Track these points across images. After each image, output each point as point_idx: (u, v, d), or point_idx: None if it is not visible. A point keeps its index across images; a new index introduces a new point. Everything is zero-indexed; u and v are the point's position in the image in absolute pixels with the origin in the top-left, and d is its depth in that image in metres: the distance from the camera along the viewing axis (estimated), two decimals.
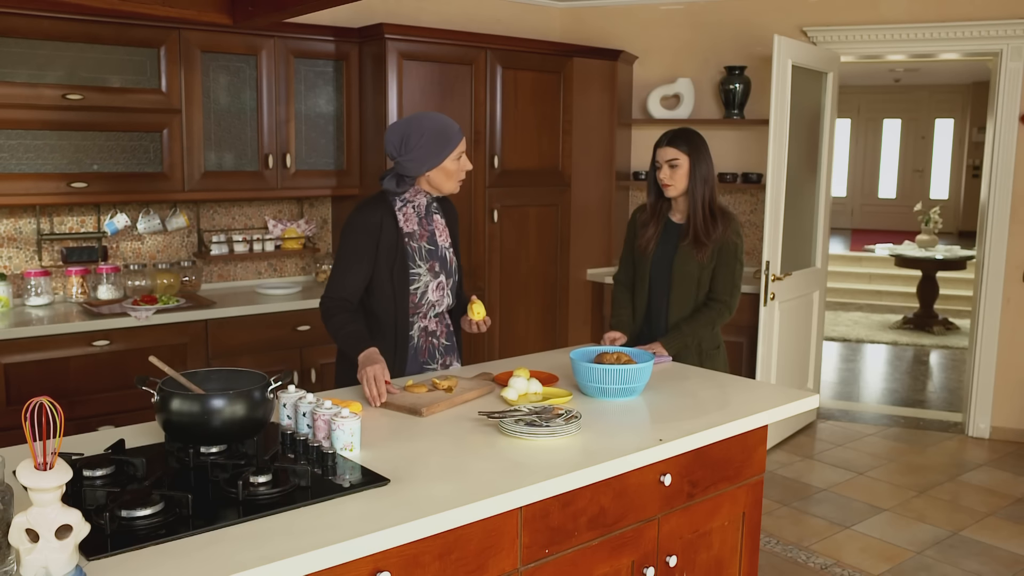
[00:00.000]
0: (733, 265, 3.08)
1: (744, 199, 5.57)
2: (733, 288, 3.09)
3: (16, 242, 3.99)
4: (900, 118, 15.24)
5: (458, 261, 2.87)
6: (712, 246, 3.04)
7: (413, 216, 2.73)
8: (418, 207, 2.75)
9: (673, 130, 3.09)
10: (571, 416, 2.19)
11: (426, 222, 2.77)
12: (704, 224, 3.03)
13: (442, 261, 2.79)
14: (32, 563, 1.30)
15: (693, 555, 2.39)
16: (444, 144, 2.64)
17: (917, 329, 8.70)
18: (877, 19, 5.17)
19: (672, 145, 3.04)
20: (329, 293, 2.69)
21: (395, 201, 2.72)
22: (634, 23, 5.65)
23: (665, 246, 3.13)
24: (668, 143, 3.05)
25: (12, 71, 3.60)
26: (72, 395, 3.58)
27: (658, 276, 3.15)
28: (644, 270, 3.18)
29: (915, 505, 4.30)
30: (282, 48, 4.26)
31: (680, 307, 3.11)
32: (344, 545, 1.55)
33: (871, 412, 5.95)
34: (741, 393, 2.63)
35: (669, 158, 3.04)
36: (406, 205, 2.73)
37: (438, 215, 2.82)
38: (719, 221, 3.05)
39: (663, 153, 3.06)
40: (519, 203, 5.00)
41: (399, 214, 2.71)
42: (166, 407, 1.87)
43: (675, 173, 3.03)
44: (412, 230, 2.73)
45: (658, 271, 3.15)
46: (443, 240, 2.81)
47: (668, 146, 3.05)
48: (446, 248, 2.82)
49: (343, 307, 2.66)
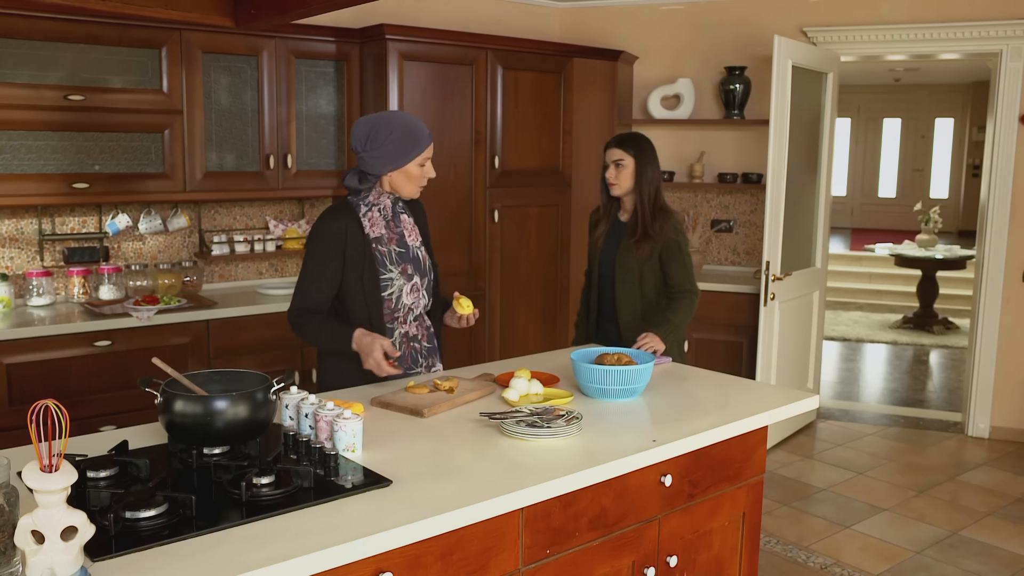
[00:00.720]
0: (681, 258, 3.25)
1: (744, 199, 5.58)
2: (690, 276, 3.27)
3: (18, 242, 4.00)
4: (900, 117, 15.26)
5: (432, 259, 2.83)
6: (652, 243, 3.21)
7: (379, 220, 2.67)
8: (383, 210, 2.68)
9: (622, 133, 3.31)
10: (572, 417, 2.20)
11: (393, 224, 2.71)
12: (646, 222, 3.21)
13: (415, 262, 2.74)
14: (38, 564, 1.31)
15: (693, 555, 2.40)
16: (411, 146, 2.60)
17: (917, 329, 8.71)
18: (877, 19, 5.18)
19: (619, 147, 3.24)
20: (296, 305, 2.64)
21: (359, 206, 2.66)
22: (634, 23, 5.66)
23: (612, 243, 3.33)
24: (616, 145, 3.25)
25: (14, 72, 3.61)
26: (74, 395, 3.59)
27: (605, 271, 3.36)
28: (594, 266, 3.41)
29: (915, 505, 4.31)
30: (283, 49, 4.26)
31: (625, 300, 3.28)
32: (347, 546, 1.56)
33: (871, 412, 5.96)
34: (741, 394, 2.64)
35: (616, 158, 3.23)
36: (371, 209, 2.66)
37: (405, 215, 2.76)
38: (658, 219, 3.22)
39: (611, 154, 3.25)
40: (520, 203, 5.01)
41: (364, 220, 2.64)
42: (169, 409, 1.88)
43: (620, 173, 3.23)
44: (379, 234, 2.66)
45: (605, 267, 3.36)
46: (413, 240, 2.75)
47: (616, 147, 3.24)
48: (417, 248, 2.76)
49: (312, 316, 2.62)
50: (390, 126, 2.60)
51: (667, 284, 3.26)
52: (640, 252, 3.22)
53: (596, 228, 3.40)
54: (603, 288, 3.38)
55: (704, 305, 5.13)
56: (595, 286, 3.41)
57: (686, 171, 5.67)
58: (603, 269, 3.36)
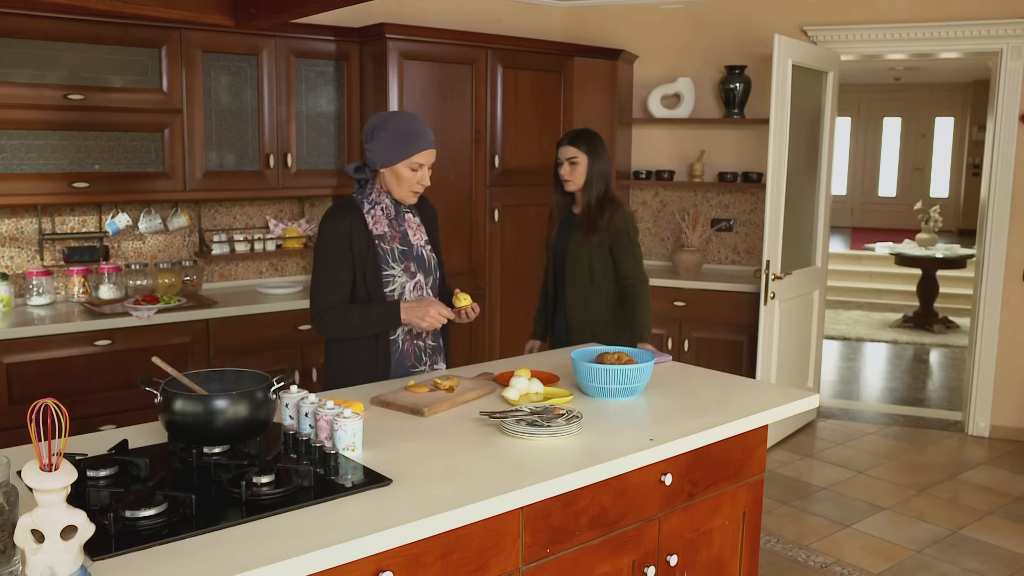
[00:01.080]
0: (631, 248, 3.32)
1: (744, 198, 5.58)
2: (640, 266, 3.34)
3: (18, 242, 4.00)
4: (900, 116, 15.26)
5: (438, 259, 2.86)
6: (600, 233, 3.29)
7: (382, 218, 2.71)
8: (386, 208, 2.72)
9: (575, 131, 3.37)
10: (572, 416, 2.20)
11: (396, 223, 2.74)
12: (595, 213, 3.30)
13: (418, 260, 2.77)
14: (37, 564, 1.30)
15: (694, 554, 2.40)
16: (404, 146, 2.62)
17: (917, 328, 8.71)
18: (877, 18, 5.18)
19: (572, 144, 3.31)
20: (318, 307, 2.67)
21: (363, 204, 2.70)
22: (634, 23, 5.66)
23: (565, 236, 3.42)
24: (570, 143, 3.31)
25: (14, 71, 3.61)
26: (74, 395, 3.59)
27: (559, 263, 3.45)
28: (550, 259, 3.51)
29: (915, 504, 4.31)
30: (283, 48, 4.26)
31: (574, 290, 3.38)
32: (346, 545, 1.56)
33: (871, 411, 5.96)
34: (741, 393, 2.64)
35: (569, 156, 3.30)
36: (374, 207, 2.70)
37: (410, 214, 2.79)
38: (607, 210, 3.30)
39: (564, 151, 3.32)
40: (520, 203, 5.00)
41: (368, 216, 2.68)
42: (169, 408, 1.88)
43: (574, 170, 3.30)
44: (383, 232, 2.70)
45: (558, 258, 3.45)
46: (417, 239, 2.78)
47: (569, 145, 3.31)
48: (422, 247, 2.78)
49: (346, 309, 2.67)
50: (389, 124, 2.65)
51: (618, 275, 3.34)
52: (589, 242, 3.30)
53: (552, 222, 3.50)
54: (557, 280, 3.47)
55: (704, 304, 5.14)
56: (550, 279, 3.52)
57: (686, 170, 5.67)
58: (557, 260, 3.45)
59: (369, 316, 2.66)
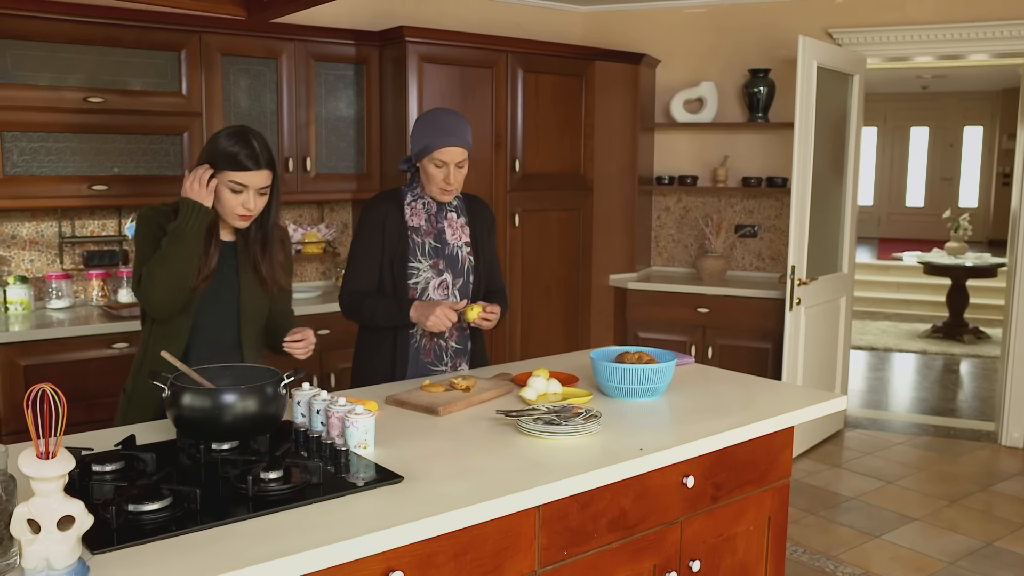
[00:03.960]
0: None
1: (769, 204, 5.49)
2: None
3: (38, 245, 4.00)
4: (928, 126, 15.06)
5: (476, 264, 2.80)
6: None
7: (422, 211, 2.72)
8: (427, 203, 2.72)
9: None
10: (591, 415, 2.14)
11: (435, 219, 2.73)
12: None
13: (450, 260, 2.74)
14: (33, 554, 1.26)
15: (717, 560, 2.32)
16: (428, 141, 2.60)
17: (947, 338, 8.54)
18: (904, 20, 5.09)
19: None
20: (347, 289, 2.73)
21: (406, 195, 2.72)
22: (657, 27, 5.60)
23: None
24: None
25: (35, 74, 3.61)
26: (91, 397, 3.57)
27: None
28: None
29: (947, 515, 4.19)
30: (302, 51, 4.25)
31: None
32: (355, 541, 1.51)
33: (900, 421, 5.83)
34: (767, 394, 2.56)
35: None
36: (416, 200, 2.72)
37: (455, 214, 2.77)
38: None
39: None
40: (541, 207, 4.95)
41: (407, 207, 2.71)
42: (177, 402, 1.84)
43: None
44: (418, 224, 2.71)
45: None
46: (456, 239, 2.75)
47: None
48: (459, 247, 2.76)
49: (365, 296, 2.69)
50: (424, 117, 2.67)
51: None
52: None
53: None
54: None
55: (728, 310, 5.06)
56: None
57: (710, 175, 5.59)
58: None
59: (379, 307, 2.66)
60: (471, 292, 2.80)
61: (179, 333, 2.31)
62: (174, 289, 2.20)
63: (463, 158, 2.64)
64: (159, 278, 2.18)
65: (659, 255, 5.81)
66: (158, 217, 2.29)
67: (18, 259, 3.96)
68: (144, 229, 2.28)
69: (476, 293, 2.82)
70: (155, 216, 2.29)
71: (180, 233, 2.18)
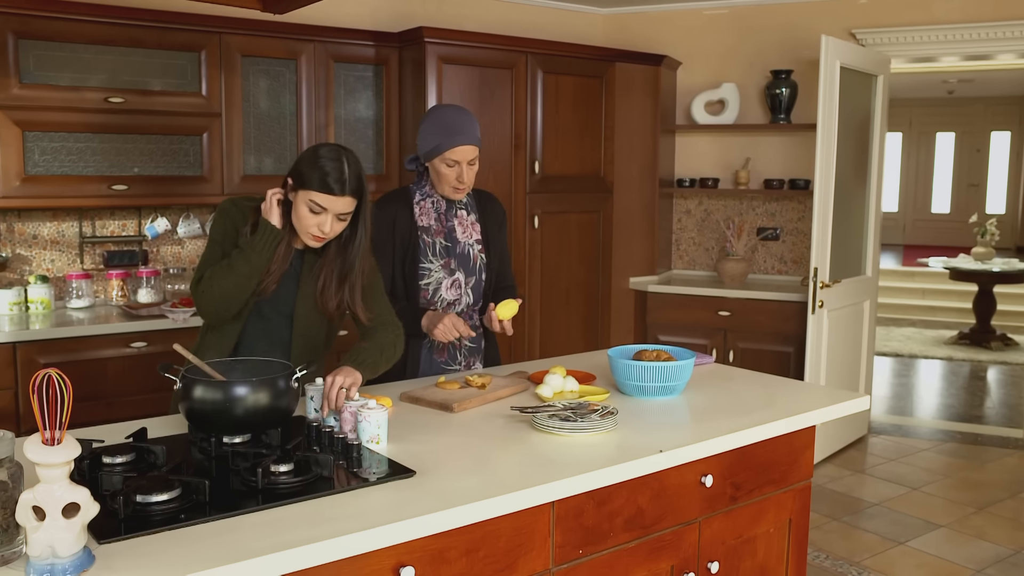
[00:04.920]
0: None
1: (791, 206, 5.43)
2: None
3: (59, 245, 4.02)
4: (954, 131, 14.87)
5: (488, 261, 2.77)
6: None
7: (431, 211, 2.68)
8: (436, 202, 2.69)
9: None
10: (607, 412, 2.10)
11: (445, 218, 2.69)
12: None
13: (462, 259, 2.70)
14: (38, 541, 1.25)
15: (736, 562, 2.27)
16: (439, 140, 2.55)
17: (973, 345, 8.40)
18: (929, 20, 5.02)
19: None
20: None
21: (414, 194, 2.69)
22: (678, 29, 5.56)
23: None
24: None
25: (56, 74, 3.64)
26: (109, 396, 3.58)
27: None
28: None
29: (974, 522, 4.10)
30: (322, 52, 4.25)
31: None
32: (364, 534, 1.48)
33: (925, 427, 5.73)
34: (788, 394, 2.51)
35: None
36: (425, 199, 2.68)
37: (464, 211, 2.73)
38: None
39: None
40: (560, 209, 4.92)
41: (416, 207, 2.67)
42: (189, 395, 1.83)
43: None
44: (428, 224, 2.67)
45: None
46: (467, 237, 2.72)
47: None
48: (470, 246, 2.72)
49: None
50: (432, 114, 2.63)
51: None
52: None
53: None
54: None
55: (750, 314, 5.00)
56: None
57: (731, 178, 5.54)
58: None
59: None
60: (484, 290, 2.77)
61: (230, 334, 2.26)
62: (230, 300, 2.14)
63: (475, 156, 2.61)
64: (218, 287, 2.12)
65: (680, 259, 5.76)
66: (235, 215, 2.19)
67: (39, 259, 3.98)
68: (219, 225, 2.21)
69: (488, 291, 2.79)
70: (234, 212, 2.20)
71: (248, 250, 2.11)
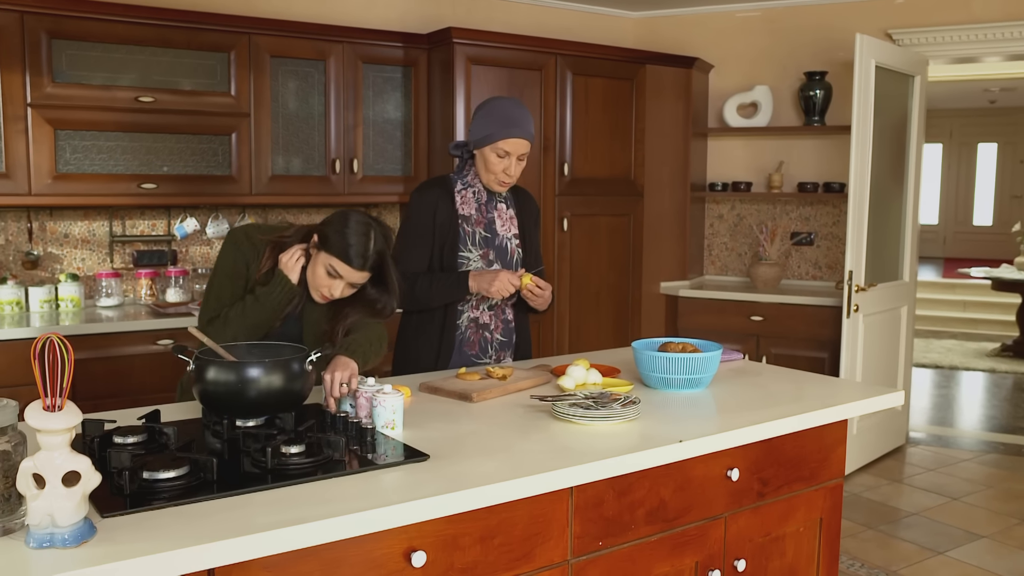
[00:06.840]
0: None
1: (826, 211, 5.33)
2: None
3: (89, 244, 4.05)
4: (996, 142, 14.59)
5: (526, 256, 2.76)
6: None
7: (472, 200, 2.67)
8: (478, 192, 2.67)
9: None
10: (629, 401, 2.05)
11: (485, 209, 2.68)
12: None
13: (500, 251, 2.69)
14: (37, 510, 1.22)
15: (764, 561, 2.20)
16: (494, 129, 2.54)
17: (1017, 357, 8.18)
18: (968, 19, 4.91)
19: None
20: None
21: (456, 183, 2.67)
22: (709, 31, 5.51)
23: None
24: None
25: (88, 74, 3.68)
26: (135, 392, 3.58)
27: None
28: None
29: (1017, 533, 3.96)
30: (351, 53, 4.26)
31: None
32: (373, 513, 1.44)
33: (966, 437, 5.57)
34: (818, 388, 2.44)
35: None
36: (466, 188, 2.67)
37: (504, 204, 2.72)
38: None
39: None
40: (590, 212, 4.87)
41: (457, 196, 2.65)
42: (202, 377, 1.81)
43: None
44: (469, 214, 2.65)
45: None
46: (505, 230, 2.71)
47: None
48: (509, 239, 2.71)
49: (416, 277, 2.60)
50: (489, 104, 2.62)
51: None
52: None
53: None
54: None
55: (783, 319, 4.90)
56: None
57: (764, 181, 5.46)
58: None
59: (435, 282, 2.58)
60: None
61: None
62: (244, 338, 2.14)
63: (526, 151, 2.60)
64: (231, 331, 2.13)
65: (712, 264, 5.67)
66: (247, 250, 2.18)
67: (70, 257, 4.02)
68: (228, 256, 2.19)
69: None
70: (245, 246, 2.18)
71: (263, 300, 2.12)
